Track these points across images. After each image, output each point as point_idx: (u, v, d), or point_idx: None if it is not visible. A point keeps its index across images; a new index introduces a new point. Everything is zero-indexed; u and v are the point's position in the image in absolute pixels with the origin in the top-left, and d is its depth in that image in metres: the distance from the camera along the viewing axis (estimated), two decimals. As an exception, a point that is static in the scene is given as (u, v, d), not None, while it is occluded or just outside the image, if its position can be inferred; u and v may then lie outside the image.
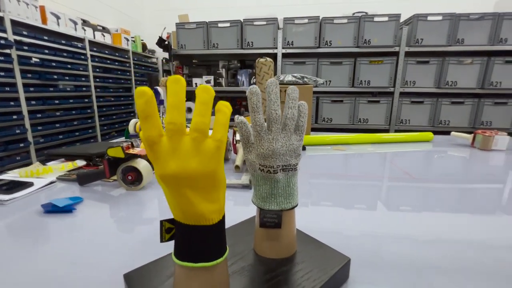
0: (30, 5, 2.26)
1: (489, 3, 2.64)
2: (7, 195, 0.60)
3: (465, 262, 0.40)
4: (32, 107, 2.27)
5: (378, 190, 0.72)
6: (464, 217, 0.57)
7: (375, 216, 0.57)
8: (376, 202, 0.64)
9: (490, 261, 0.40)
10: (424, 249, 0.44)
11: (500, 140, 1.12)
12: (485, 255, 0.42)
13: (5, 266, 0.39)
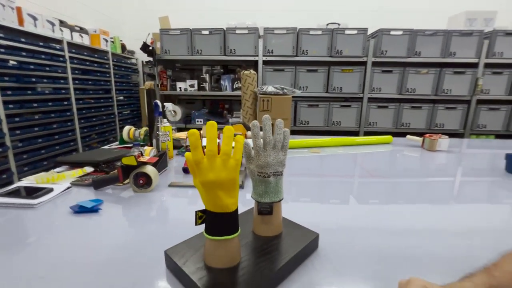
0: (6, 7, 2.21)
1: (442, 21, 3.00)
2: (35, 199, 0.69)
3: (424, 249, 0.52)
4: (10, 111, 2.22)
5: (349, 186, 0.91)
6: (422, 207, 0.75)
7: (345, 207, 0.75)
8: (348, 196, 0.83)
9: (445, 247, 0.52)
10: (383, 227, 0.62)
11: (443, 143, 1.37)
12: (441, 242, 0.54)
13: (64, 255, 0.51)
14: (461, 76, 2.56)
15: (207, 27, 3.10)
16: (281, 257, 0.44)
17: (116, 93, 3.71)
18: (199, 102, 3.33)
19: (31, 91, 2.43)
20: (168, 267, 0.46)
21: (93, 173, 0.91)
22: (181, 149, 1.24)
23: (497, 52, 2.51)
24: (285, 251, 0.46)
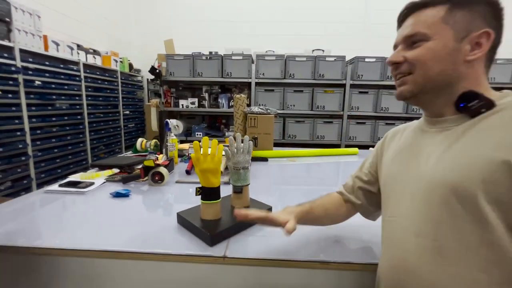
0: (36, 35, 2.59)
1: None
2: (85, 188, 1.01)
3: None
4: (33, 124, 2.55)
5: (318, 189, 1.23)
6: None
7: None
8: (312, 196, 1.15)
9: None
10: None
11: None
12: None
13: (108, 221, 0.82)
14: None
15: (207, 49, 3.53)
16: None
17: (123, 108, 4.07)
18: (199, 118, 3.68)
19: (51, 107, 2.77)
20: (178, 222, 0.77)
21: (119, 173, 1.22)
22: (184, 157, 1.56)
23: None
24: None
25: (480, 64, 0.48)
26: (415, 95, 0.51)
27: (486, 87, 0.48)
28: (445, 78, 0.48)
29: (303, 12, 4.44)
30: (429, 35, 0.47)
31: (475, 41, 0.46)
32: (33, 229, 0.75)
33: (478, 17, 0.46)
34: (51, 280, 0.66)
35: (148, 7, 4.71)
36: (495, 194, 0.40)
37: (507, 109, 0.44)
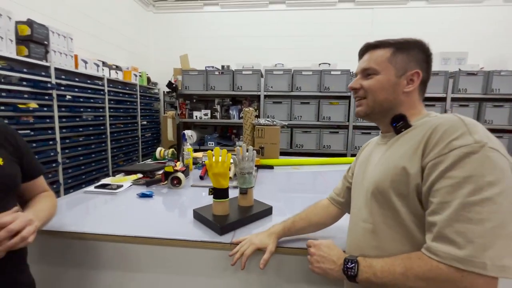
0: (68, 55, 2.90)
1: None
2: (116, 190, 1.20)
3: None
4: (63, 134, 2.83)
5: (317, 194, 1.37)
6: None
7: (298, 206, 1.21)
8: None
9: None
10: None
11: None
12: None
13: (135, 215, 1.00)
14: (431, 108, 3.01)
15: (219, 63, 3.77)
16: (248, 213, 0.92)
17: (140, 118, 4.35)
18: (211, 128, 3.90)
19: (78, 119, 3.06)
20: (194, 217, 0.94)
21: (143, 177, 1.41)
22: (198, 164, 1.74)
23: (461, 89, 2.97)
24: (251, 211, 0.93)
25: (415, 94, 0.63)
26: (368, 115, 0.67)
27: (419, 110, 0.63)
28: (388, 104, 0.63)
29: (310, 26, 4.65)
30: (378, 70, 0.63)
31: (410, 78, 0.62)
32: (79, 219, 0.94)
33: (412, 60, 0.62)
34: (93, 258, 0.84)
35: (164, 25, 5.07)
36: (399, 190, 0.55)
37: (416, 128, 0.58)
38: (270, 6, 4.83)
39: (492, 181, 0.44)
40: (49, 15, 2.92)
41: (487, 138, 0.48)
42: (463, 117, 0.52)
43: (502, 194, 0.44)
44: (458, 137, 0.48)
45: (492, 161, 0.45)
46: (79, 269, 0.85)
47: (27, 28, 2.38)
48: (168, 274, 0.81)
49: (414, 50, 0.63)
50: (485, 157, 0.45)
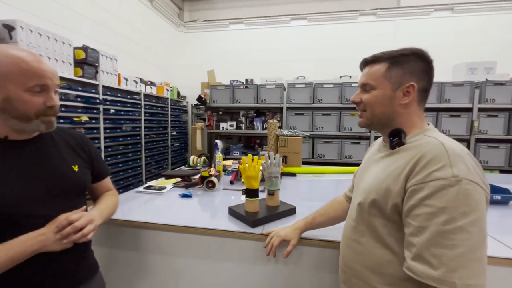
0: (113, 74, 3.30)
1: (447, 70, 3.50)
2: (160, 191, 1.41)
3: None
4: (106, 144, 3.18)
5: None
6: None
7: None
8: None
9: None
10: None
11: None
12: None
13: (178, 211, 1.19)
14: (457, 118, 2.98)
15: (243, 76, 4.02)
16: (275, 211, 1.07)
17: (170, 129, 4.70)
18: (236, 138, 4.12)
19: (119, 130, 3.41)
20: (229, 213, 1.10)
21: (181, 181, 1.62)
22: (227, 171, 1.92)
23: (489, 99, 2.92)
24: (278, 209, 1.08)
25: (413, 105, 0.66)
26: (368, 125, 0.73)
27: (416, 123, 0.67)
28: (386, 116, 0.68)
29: (331, 40, 4.80)
30: (375, 86, 0.68)
31: (405, 90, 0.65)
32: (134, 211, 1.14)
33: (408, 72, 0.65)
34: (147, 243, 1.03)
35: (193, 43, 5.49)
36: (378, 205, 0.64)
37: (407, 150, 0.63)
38: (292, 22, 5.07)
39: (465, 211, 0.51)
40: (99, 40, 3.35)
41: (466, 171, 0.53)
42: (449, 147, 0.57)
43: (474, 223, 0.51)
44: (439, 168, 0.54)
45: (467, 194, 0.51)
46: (132, 251, 1.04)
47: (83, 52, 2.78)
48: (205, 260, 0.98)
49: (410, 61, 0.65)
50: (460, 190, 0.52)
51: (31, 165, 0.72)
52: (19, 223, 0.66)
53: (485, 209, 0.54)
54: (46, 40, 2.35)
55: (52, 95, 0.72)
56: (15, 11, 2.32)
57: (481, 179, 0.55)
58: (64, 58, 2.58)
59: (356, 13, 4.77)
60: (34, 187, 0.70)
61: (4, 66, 0.64)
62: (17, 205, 0.66)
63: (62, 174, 0.76)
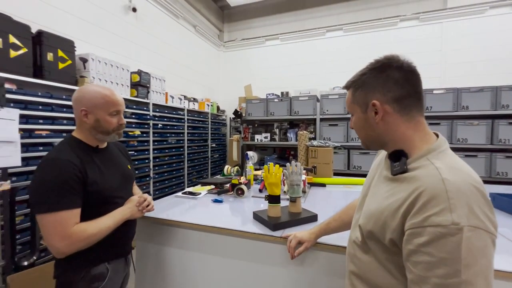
0: (161, 93, 3.72)
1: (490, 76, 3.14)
2: (196, 196, 1.57)
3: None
4: (154, 155, 3.56)
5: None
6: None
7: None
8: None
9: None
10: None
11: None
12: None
13: (211, 214, 1.31)
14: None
15: (279, 89, 4.14)
16: (296, 217, 1.12)
17: (210, 141, 5.02)
18: (270, 149, 4.23)
19: (165, 142, 3.80)
20: (253, 218, 1.19)
21: (215, 188, 1.76)
22: (258, 180, 2.02)
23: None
24: (299, 216, 1.13)
25: (393, 119, 0.61)
26: (367, 147, 0.71)
27: (413, 139, 0.61)
28: (371, 138, 0.67)
29: (369, 48, 4.69)
30: (351, 112, 0.70)
31: (373, 109, 0.62)
32: (174, 212, 1.31)
33: (369, 92, 0.63)
34: (180, 240, 1.17)
35: (232, 60, 5.87)
36: (375, 236, 0.61)
37: (408, 179, 0.57)
38: (328, 34, 5.10)
39: (469, 263, 0.46)
40: (150, 64, 3.84)
41: (467, 215, 0.48)
42: (449, 183, 0.51)
43: (478, 273, 0.46)
44: (438, 213, 0.49)
45: (469, 243, 0.46)
46: (170, 247, 1.19)
47: (137, 76, 3.23)
48: (230, 258, 1.08)
49: (369, 79, 0.63)
50: (461, 240, 0.46)
51: (110, 164, 1.05)
52: (111, 201, 0.99)
53: (492, 254, 0.49)
54: (110, 67, 2.81)
55: (122, 116, 1.04)
56: (87, 46, 2.83)
57: (487, 219, 0.49)
58: (123, 82, 3.03)
59: (395, 19, 4.61)
60: (116, 178, 1.03)
61: (96, 99, 0.97)
62: (111, 189, 0.99)
63: (126, 170, 1.11)
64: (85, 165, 0.93)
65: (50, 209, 0.83)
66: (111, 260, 0.99)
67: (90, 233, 0.88)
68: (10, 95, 1.90)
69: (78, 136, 1.00)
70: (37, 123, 2.11)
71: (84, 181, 0.90)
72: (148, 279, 1.26)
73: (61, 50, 2.34)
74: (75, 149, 0.95)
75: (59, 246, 0.83)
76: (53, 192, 0.84)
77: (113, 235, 0.95)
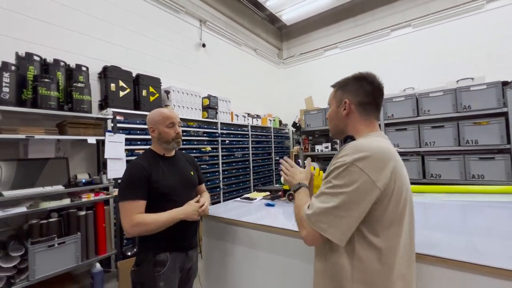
0: (227, 113, 4.18)
1: None
2: (252, 201, 1.74)
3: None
4: (223, 168, 3.97)
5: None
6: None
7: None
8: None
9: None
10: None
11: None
12: None
13: (263, 216, 1.45)
14: None
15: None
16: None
17: (274, 154, 5.23)
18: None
19: (232, 156, 4.19)
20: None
21: (269, 194, 1.91)
22: (312, 188, 2.06)
23: None
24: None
25: (354, 116, 0.84)
26: (333, 136, 0.96)
27: (361, 130, 0.83)
28: (338, 128, 0.90)
29: (446, 41, 4.14)
30: (330, 104, 0.92)
31: (344, 106, 0.85)
32: (236, 214, 1.50)
33: (346, 93, 0.86)
34: (236, 236, 1.34)
35: (291, 75, 6.06)
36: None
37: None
38: (393, 34, 4.76)
39: (342, 183, 0.71)
40: (218, 89, 4.39)
41: (355, 159, 0.71)
42: (359, 144, 0.75)
43: (340, 192, 0.71)
44: (342, 156, 0.75)
45: (348, 172, 0.71)
46: (230, 243, 1.38)
47: (207, 100, 3.76)
48: (276, 255, 1.18)
49: (349, 84, 0.86)
50: (345, 170, 0.71)
51: (173, 169, 1.27)
52: (169, 198, 1.19)
53: (360, 190, 0.69)
54: (186, 95, 3.39)
55: (177, 128, 1.28)
56: (169, 80, 3.50)
57: (369, 166, 0.70)
58: (196, 106, 3.58)
59: (481, 1, 3.96)
60: (178, 181, 1.25)
61: (157, 117, 1.26)
62: (170, 188, 1.20)
63: (187, 175, 1.33)
64: (152, 167, 1.18)
65: (122, 198, 1.11)
66: (171, 251, 1.18)
67: (147, 221, 1.09)
68: (119, 124, 2.55)
69: (152, 147, 1.29)
70: (136, 144, 2.74)
71: (149, 179, 1.14)
72: (213, 267, 1.48)
73: (151, 86, 2.99)
74: (147, 157, 1.23)
75: (125, 227, 1.09)
76: (126, 186, 1.13)
77: (174, 230, 1.15)
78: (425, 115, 2.88)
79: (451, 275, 0.83)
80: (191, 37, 4.00)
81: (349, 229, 0.70)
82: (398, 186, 0.72)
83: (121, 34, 3.02)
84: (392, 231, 0.72)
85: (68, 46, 2.53)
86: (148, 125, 1.28)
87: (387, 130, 3.12)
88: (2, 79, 1.86)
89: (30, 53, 2.11)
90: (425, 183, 2.85)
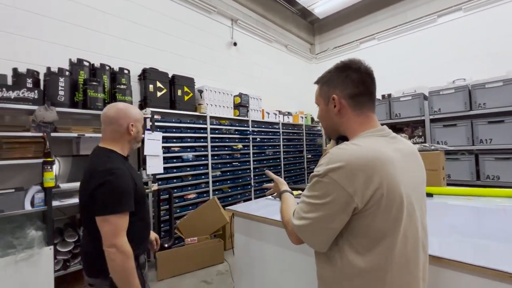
0: (259, 111, 4.18)
1: None
2: (283, 199, 1.71)
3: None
4: (254, 165, 3.98)
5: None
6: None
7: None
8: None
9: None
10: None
11: None
12: None
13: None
14: None
15: (378, 92, 3.79)
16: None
17: (306, 152, 5.11)
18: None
19: (263, 154, 4.19)
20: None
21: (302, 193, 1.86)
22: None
23: None
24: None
25: (347, 113, 0.73)
26: (328, 135, 0.85)
27: (355, 129, 0.72)
28: (331, 127, 0.79)
29: (506, 25, 3.63)
30: (317, 104, 0.81)
31: (333, 103, 0.74)
32: (268, 211, 1.49)
33: (331, 88, 0.75)
34: (269, 235, 1.32)
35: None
36: None
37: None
38: (439, 20, 4.32)
39: (318, 194, 0.65)
40: (249, 87, 4.41)
41: (329, 170, 0.63)
42: (337, 152, 0.66)
43: (317, 203, 0.65)
44: (319, 165, 0.68)
45: (322, 184, 0.64)
46: (260, 241, 1.36)
47: (239, 98, 3.79)
48: (307, 256, 1.13)
49: (333, 77, 0.75)
50: (319, 182, 0.65)
51: (135, 172, 1.14)
52: (144, 201, 1.12)
53: (335, 202, 0.63)
54: (218, 94, 3.46)
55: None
56: (202, 80, 3.60)
57: (341, 177, 0.62)
58: (228, 104, 3.64)
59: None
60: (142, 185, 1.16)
61: (138, 115, 1.13)
62: (142, 191, 1.11)
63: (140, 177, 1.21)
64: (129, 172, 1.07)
65: (113, 210, 1.00)
66: (143, 252, 1.14)
67: (127, 267, 0.97)
68: (157, 123, 2.69)
69: (113, 147, 1.08)
70: (172, 142, 2.87)
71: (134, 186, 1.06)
72: (244, 264, 1.48)
73: (186, 86, 3.11)
74: (118, 159, 1.07)
75: (117, 246, 0.98)
76: (119, 195, 1.00)
77: (145, 232, 1.15)
78: (480, 108, 2.55)
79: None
80: (222, 36, 4.07)
81: (330, 238, 0.68)
82: (387, 194, 0.61)
83: (159, 38, 3.18)
84: (386, 245, 0.63)
85: (112, 50, 2.73)
86: (124, 120, 1.08)
87: (433, 126, 2.84)
88: (58, 84, 2.08)
89: (81, 59, 2.33)
90: (479, 185, 2.54)
